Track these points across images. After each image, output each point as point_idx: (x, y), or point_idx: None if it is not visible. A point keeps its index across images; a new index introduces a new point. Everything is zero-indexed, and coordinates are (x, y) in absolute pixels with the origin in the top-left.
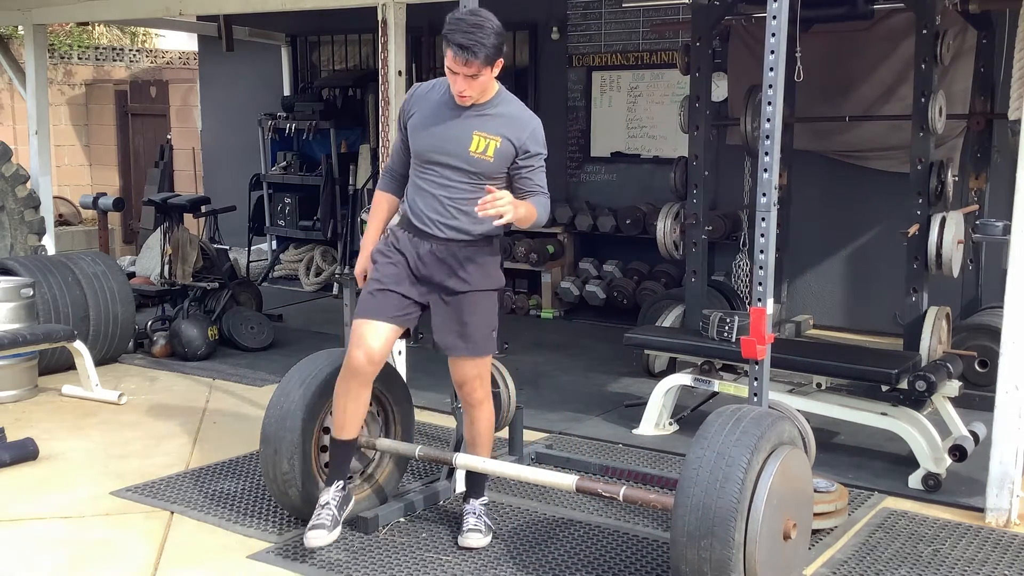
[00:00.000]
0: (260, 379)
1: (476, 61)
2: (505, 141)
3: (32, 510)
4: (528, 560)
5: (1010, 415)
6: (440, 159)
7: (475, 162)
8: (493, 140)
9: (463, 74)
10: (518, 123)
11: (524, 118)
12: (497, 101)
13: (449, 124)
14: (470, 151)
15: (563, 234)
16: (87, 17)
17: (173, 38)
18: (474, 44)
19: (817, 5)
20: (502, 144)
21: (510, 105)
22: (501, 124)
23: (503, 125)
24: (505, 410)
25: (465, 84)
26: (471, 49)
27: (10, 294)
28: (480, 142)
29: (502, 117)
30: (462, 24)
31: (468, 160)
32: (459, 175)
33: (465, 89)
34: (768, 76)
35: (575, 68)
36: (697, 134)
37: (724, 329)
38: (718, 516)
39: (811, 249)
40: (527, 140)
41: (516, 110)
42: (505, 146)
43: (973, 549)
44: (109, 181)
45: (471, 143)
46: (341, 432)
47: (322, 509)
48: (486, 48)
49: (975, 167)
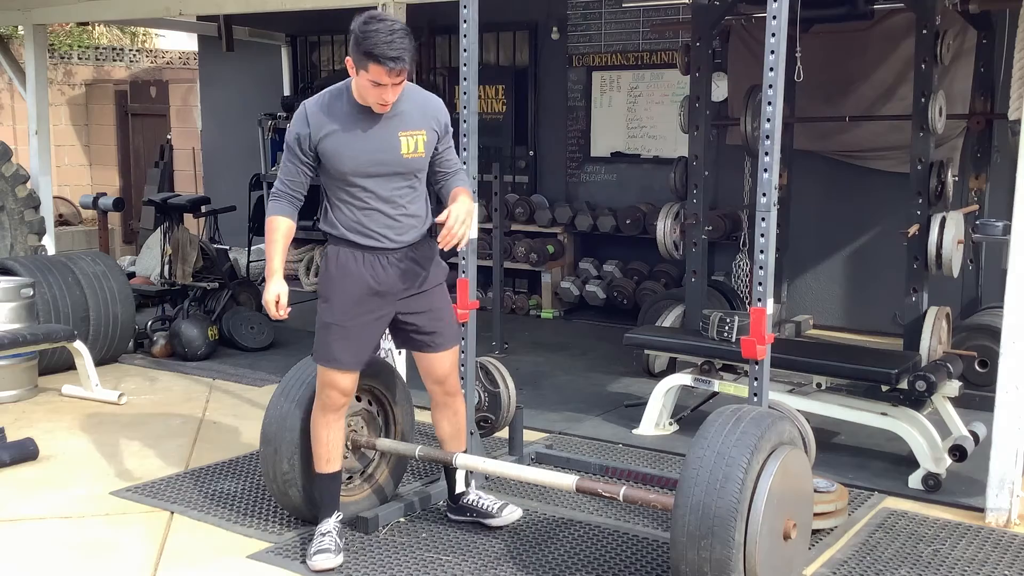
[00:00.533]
0: (260, 379)
1: (405, 68)
2: (429, 131)
3: (32, 510)
4: (528, 560)
5: (1010, 415)
6: (376, 171)
7: (409, 163)
8: (419, 135)
9: (391, 84)
10: (430, 108)
11: (431, 101)
12: (401, 95)
13: (372, 135)
14: (403, 155)
15: (563, 234)
16: (87, 17)
17: (173, 38)
18: (402, 52)
19: (817, 5)
20: (428, 135)
21: (413, 94)
22: (418, 116)
23: (420, 116)
24: (505, 410)
25: (392, 93)
26: (401, 58)
27: (10, 294)
28: (408, 142)
29: (415, 108)
30: (380, 35)
31: (403, 164)
32: (397, 181)
33: (389, 99)
34: (768, 76)
35: (575, 68)
36: (697, 134)
37: (724, 329)
38: (718, 516)
39: (811, 249)
40: (444, 120)
41: (421, 96)
42: (430, 136)
43: (973, 549)
44: (109, 181)
45: (401, 146)
46: (326, 466)
47: (323, 536)
48: (409, 52)
49: (975, 167)
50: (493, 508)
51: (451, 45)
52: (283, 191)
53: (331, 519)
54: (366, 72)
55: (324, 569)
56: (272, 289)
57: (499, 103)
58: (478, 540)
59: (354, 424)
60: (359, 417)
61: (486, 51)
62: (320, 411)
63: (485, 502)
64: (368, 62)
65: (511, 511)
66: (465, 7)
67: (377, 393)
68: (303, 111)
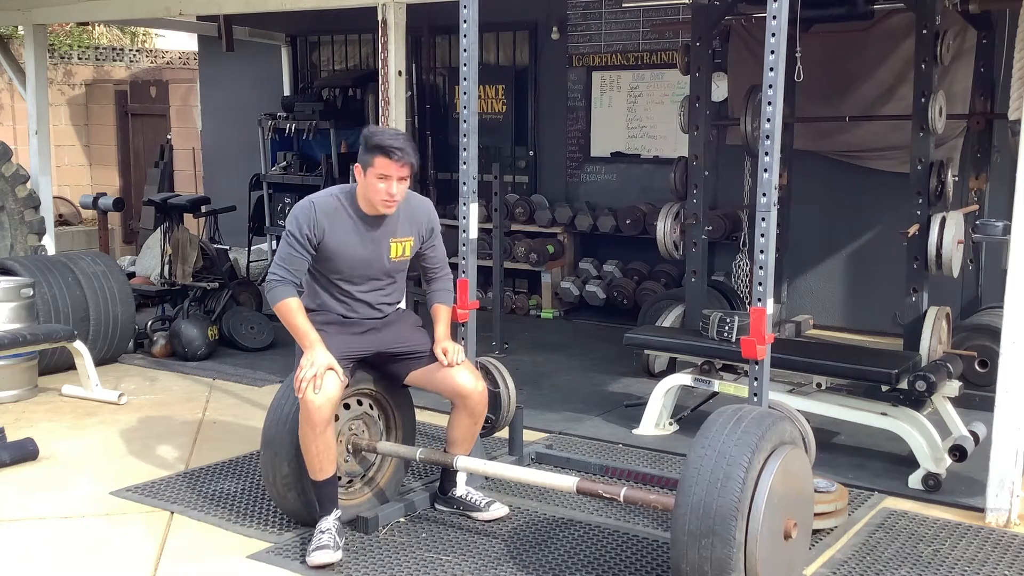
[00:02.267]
0: (260, 379)
1: (409, 161)
2: (416, 237)
3: (32, 510)
4: (528, 560)
5: (1010, 415)
6: (363, 273)
7: (396, 265)
8: (407, 241)
9: (397, 177)
10: (418, 213)
11: (422, 206)
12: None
13: (367, 242)
14: (391, 258)
15: (563, 234)
16: (87, 17)
17: (173, 38)
18: (405, 146)
19: (817, 5)
20: (414, 240)
21: (407, 199)
22: (407, 222)
23: (408, 222)
24: (505, 410)
25: (398, 188)
26: (406, 151)
27: (10, 294)
28: (397, 248)
29: (405, 213)
30: (387, 133)
31: (390, 266)
32: (382, 279)
33: (396, 193)
34: (768, 76)
35: (575, 68)
36: (697, 134)
37: (724, 329)
38: (719, 515)
39: (811, 249)
40: (431, 226)
41: (413, 202)
42: (416, 241)
43: (973, 549)
44: (109, 181)
45: (390, 251)
46: (320, 474)
47: (323, 533)
48: (414, 151)
49: (975, 167)
50: (481, 503)
51: (451, 45)
52: (284, 277)
53: (330, 517)
54: (373, 168)
55: (322, 564)
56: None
57: (499, 103)
58: (478, 540)
59: (355, 427)
60: (360, 421)
61: (486, 51)
62: (306, 425)
63: (474, 497)
64: (376, 155)
65: (498, 508)
66: (465, 7)
67: (378, 396)
68: (312, 210)
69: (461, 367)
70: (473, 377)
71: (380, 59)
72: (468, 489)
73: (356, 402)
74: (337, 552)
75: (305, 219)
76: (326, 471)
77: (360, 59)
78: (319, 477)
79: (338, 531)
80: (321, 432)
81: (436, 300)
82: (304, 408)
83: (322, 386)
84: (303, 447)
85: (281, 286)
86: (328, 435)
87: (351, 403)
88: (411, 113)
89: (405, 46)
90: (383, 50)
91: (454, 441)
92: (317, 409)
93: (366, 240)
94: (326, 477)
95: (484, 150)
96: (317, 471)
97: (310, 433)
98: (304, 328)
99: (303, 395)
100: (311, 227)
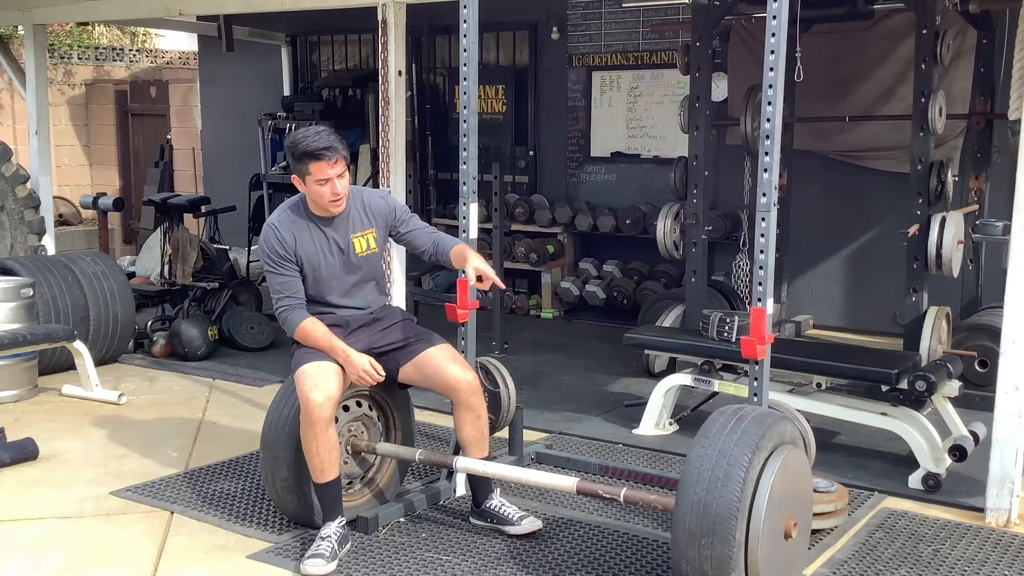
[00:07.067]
0: (260, 379)
1: (340, 157)
2: (378, 228)
3: (32, 510)
4: (528, 560)
5: (1010, 415)
6: (339, 274)
7: (366, 258)
8: (368, 233)
9: (335, 175)
10: (373, 203)
11: (374, 196)
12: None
13: (332, 243)
14: (358, 254)
15: (563, 234)
16: (87, 17)
17: (173, 38)
18: (331, 143)
19: (817, 5)
20: (377, 231)
21: (355, 195)
22: (361, 214)
23: (364, 214)
24: (505, 410)
25: (340, 186)
26: (332, 147)
27: (10, 294)
28: (360, 242)
29: (359, 208)
30: (309, 138)
31: (359, 261)
32: (358, 273)
33: (341, 189)
34: (768, 76)
35: (575, 68)
36: (697, 134)
37: (724, 329)
38: (719, 515)
39: (811, 249)
40: (388, 206)
41: (360, 196)
42: (380, 231)
43: (973, 549)
44: (109, 181)
45: (355, 247)
46: (322, 476)
47: (322, 540)
48: (339, 143)
49: (975, 167)
50: (514, 516)
51: (451, 45)
52: (290, 302)
53: (333, 523)
54: (310, 176)
55: (312, 574)
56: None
57: (499, 103)
58: (478, 540)
59: (354, 429)
60: (359, 422)
61: (486, 51)
62: (307, 424)
63: (508, 510)
64: (307, 163)
65: (531, 522)
66: (465, 7)
67: (377, 397)
68: (275, 231)
69: (449, 360)
70: (461, 368)
71: (380, 59)
72: (503, 501)
73: (355, 404)
74: (331, 563)
75: (275, 241)
76: (328, 473)
77: (360, 59)
78: (321, 479)
79: (339, 540)
80: (322, 431)
81: (448, 246)
82: (305, 407)
83: (321, 385)
84: (305, 448)
85: (292, 312)
86: (330, 435)
87: (350, 405)
88: (411, 113)
89: (405, 46)
90: (383, 50)
91: (466, 443)
92: (318, 407)
93: (331, 240)
94: (329, 479)
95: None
96: (319, 473)
97: (311, 432)
98: (329, 342)
99: (305, 394)
100: (282, 245)
